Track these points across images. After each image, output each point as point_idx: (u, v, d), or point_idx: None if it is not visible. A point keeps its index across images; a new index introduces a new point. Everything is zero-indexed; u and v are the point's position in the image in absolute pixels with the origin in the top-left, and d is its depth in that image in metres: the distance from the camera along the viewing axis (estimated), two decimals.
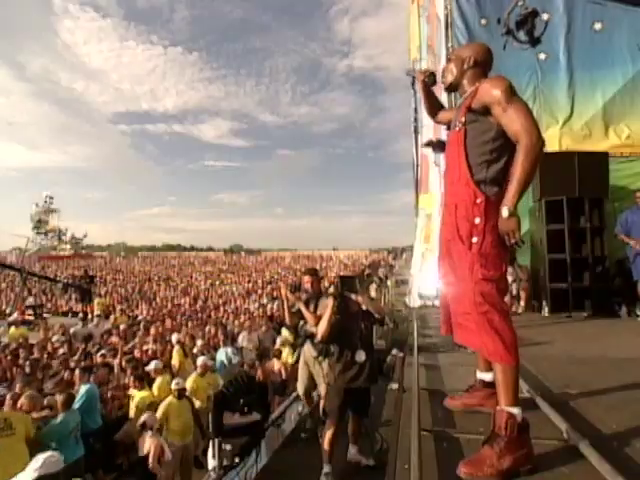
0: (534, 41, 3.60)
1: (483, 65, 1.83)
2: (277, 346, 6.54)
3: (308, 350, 3.79)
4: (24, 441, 3.17)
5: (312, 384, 3.94)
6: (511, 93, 1.59)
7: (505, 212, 1.53)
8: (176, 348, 6.11)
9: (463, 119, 1.72)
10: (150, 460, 3.69)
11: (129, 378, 4.96)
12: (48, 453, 2.61)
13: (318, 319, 3.44)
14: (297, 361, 4.54)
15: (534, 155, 1.50)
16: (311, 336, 3.63)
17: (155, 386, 4.91)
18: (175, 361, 5.91)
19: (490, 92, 1.62)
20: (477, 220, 1.60)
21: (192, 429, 4.48)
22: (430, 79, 2.12)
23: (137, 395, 4.65)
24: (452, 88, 1.93)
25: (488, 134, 1.64)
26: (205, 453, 3.95)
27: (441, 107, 2.27)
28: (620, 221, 5.22)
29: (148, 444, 3.85)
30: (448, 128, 2.04)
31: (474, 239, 1.61)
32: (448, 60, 1.92)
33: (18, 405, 3.64)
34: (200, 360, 5.20)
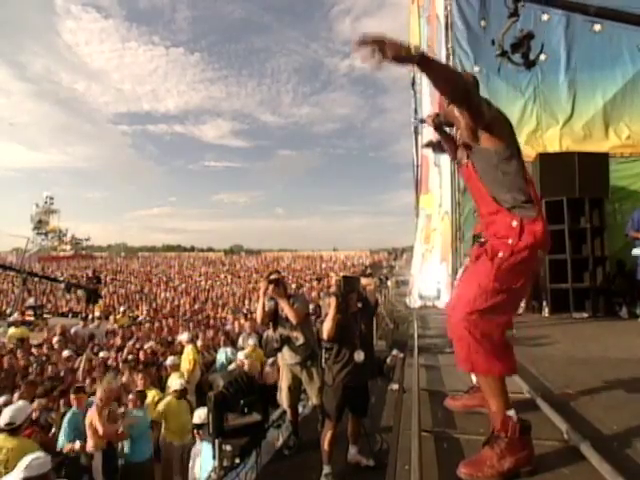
0: (529, 64, 3.57)
1: None
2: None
3: (289, 356, 3.58)
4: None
5: (298, 394, 3.75)
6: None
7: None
8: (190, 347, 6.04)
9: (465, 153, 1.75)
10: None
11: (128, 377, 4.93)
12: (35, 455, 2.54)
13: (299, 317, 3.44)
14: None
15: (460, 88, 1.49)
16: (288, 341, 3.56)
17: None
18: (188, 359, 5.84)
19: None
20: (510, 241, 1.59)
21: (191, 429, 4.47)
22: (438, 119, 2.10)
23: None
24: (448, 123, 2.00)
25: (492, 160, 1.64)
26: None
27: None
28: (631, 219, 5.14)
29: None
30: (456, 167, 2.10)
31: (500, 254, 1.60)
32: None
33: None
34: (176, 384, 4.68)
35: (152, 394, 4.60)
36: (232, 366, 5.25)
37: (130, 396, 4.14)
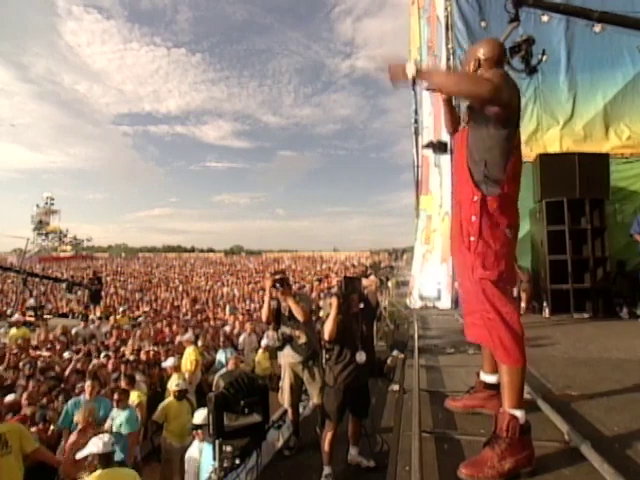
0: (531, 70, 3.53)
1: (495, 61, 1.77)
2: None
3: (291, 356, 3.59)
4: (20, 457, 2.98)
5: (299, 393, 3.75)
6: (492, 76, 1.59)
7: (410, 64, 1.50)
8: (192, 347, 6.03)
9: (467, 118, 1.73)
10: None
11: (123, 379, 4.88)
12: (102, 434, 2.87)
13: (306, 315, 3.45)
14: None
15: (476, 91, 1.49)
16: (290, 340, 3.57)
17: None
18: (190, 360, 5.81)
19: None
20: (473, 218, 1.60)
21: (191, 430, 4.46)
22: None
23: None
24: None
25: (485, 131, 1.63)
26: None
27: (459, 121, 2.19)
28: (637, 220, 5.11)
29: None
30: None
31: (471, 238, 1.61)
32: (466, 60, 1.88)
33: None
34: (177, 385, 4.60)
35: (135, 394, 4.54)
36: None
37: (115, 395, 4.06)
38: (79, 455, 2.79)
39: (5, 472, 2.82)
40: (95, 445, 2.73)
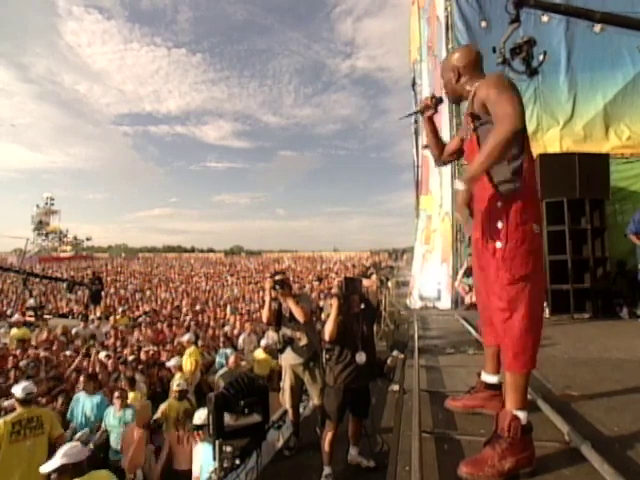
0: (532, 72, 3.49)
1: (473, 66, 1.81)
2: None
3: (292, 357, 3.58)
4: (47, 439, 3.34)
5: (300, 394, 3.76)
6: (502, 86, 1.57)
7: (458, 185, 1.51)
8: (192, 348, 6.01)
9: (471, 126, 1.72)
10: None
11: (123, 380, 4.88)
12: (72, 443, 2.81)
13: (306, 316, 3.45)
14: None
15: (504, 140, 1.45)
16: (291, 341, 3.56)
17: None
18: (190, 360, 5.79)
19: (483, 89, 1.61)
20: (499, 224, 1.57)
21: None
22: (434, 101, 2.03)
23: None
24: (457, 99, 1.91)
25: None
26: None
27: (443, 144, 2.16)
28: (632, 220, 5.10)
29: None
30: (459, 157, 2.06)
31: (498, 244, 1.58)
32: (443, 71, 1.90)
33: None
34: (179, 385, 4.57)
35: (131, 396, 4.53)
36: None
37: (115, 394, 4.15)
38: (47, 468, 2.57)
39: (38, 450, 3.22)
40: (65, 456, 2.60)
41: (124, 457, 3.82)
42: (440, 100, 2.04)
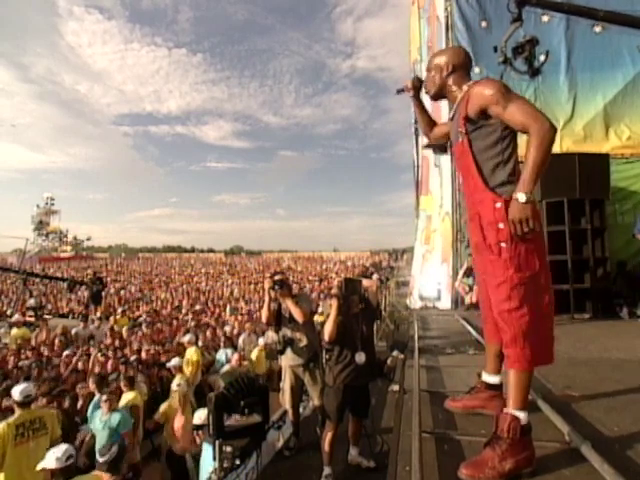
0: (534, 72, 3.46)
1: (463, 67, 1.81)
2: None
3: (292, 358, 3.58)
4: (49, 440, 3.34)
5: (300, 394, 3.75)
6: (506, 90, 1.57)
7: (522, 197, 1.47)
8: (193, 348, 6.01)
9: (463, 129, 1.69)
10: None
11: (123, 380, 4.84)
12: (60, 447, 2.79)
13: (306, 316, 3.45)
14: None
15: (548, 138, 1.45)
16: (291, 342, 3.55)
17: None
18: (191, 361, 5.78)
19: (484, 94, 1.59)
20: (501, 225, 1.56)
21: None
22: (418, 82, 2.05)
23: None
24: (437, 97, 1.91)
25: (493, 136, 1.62)
26: None
27: (434, 122, 2.18)
28: (639, 220, 5.11)
29: None
30: (448, 148, 2.05)
31: (502, 244, 1.57)
32: (428, 70, 1.89)
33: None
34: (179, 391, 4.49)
35: (126, 396, 4.42)
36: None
37: (103, 397, 4.01)
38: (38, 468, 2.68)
39: (41, 450, 3.12)
40: (51, 461, 2.63)
41: None
42: (420, 81, 2.05)
